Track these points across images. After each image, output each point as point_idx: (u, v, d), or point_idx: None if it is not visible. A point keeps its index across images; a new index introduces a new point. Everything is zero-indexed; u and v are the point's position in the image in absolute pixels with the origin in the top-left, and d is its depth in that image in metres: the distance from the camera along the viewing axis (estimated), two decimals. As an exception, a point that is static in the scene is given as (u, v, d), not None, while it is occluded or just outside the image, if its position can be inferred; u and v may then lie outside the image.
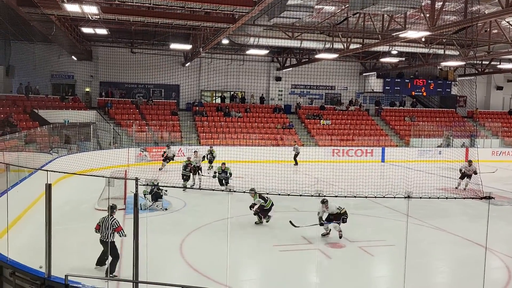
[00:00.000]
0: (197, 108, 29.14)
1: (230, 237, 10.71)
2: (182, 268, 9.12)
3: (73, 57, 26.59)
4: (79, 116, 23.74)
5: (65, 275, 5.58)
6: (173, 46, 23.36)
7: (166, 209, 13.53)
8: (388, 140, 29.33)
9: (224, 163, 16.34)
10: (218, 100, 31.85)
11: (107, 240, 7.99)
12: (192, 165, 16.80)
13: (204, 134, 26.88)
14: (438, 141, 29.60)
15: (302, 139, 28.16)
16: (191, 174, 16.66)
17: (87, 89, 28.99)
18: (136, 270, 5.77)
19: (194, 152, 18.29)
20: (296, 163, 24.35)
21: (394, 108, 33.87)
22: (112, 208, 8.50)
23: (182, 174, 16.50)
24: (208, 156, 20.67)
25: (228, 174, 16.03)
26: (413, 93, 32.75)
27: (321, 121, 30.14)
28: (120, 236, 8.14)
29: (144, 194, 13.24)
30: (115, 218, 8.26)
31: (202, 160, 18.81)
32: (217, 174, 16.18)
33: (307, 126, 29.85)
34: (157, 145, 24.64)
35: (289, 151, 23.72)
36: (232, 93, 31.41)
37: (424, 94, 32.86)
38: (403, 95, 34.06)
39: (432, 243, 11.12)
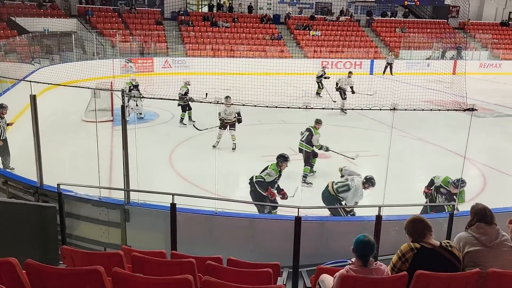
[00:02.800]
0: (183, 17, 28.02)
1: (218, 148, 10.93)
2: (172, 177, 9.39)
3: (47, -41, 24.83)
4: (59, 25, 22.70)
5: (57, 184, 5.72)
6: None
7: (142, 117, 13.69)
8: (377, 52, 28.95)
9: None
10: (205, 9, 30.56)
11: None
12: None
13: (191, 45, 26.17)
14: (427, 53, 29.32)
15: (290, 51, 27.63)
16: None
17: (66, -4, 27.46)
18: (127, 179, 5.92)
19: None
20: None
21: (386, 18, 32.98)
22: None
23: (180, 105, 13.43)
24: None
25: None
26: (406, 2, 31.68)
27: (311, 32, 29.37)
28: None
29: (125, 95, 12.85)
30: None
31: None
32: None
33: (296, 37, 29.13)
34: (142, 56, 24.04)
35: (276, 63, 23.33)
36: (219, 1, 30.06)
37: (417, 3, 31.83)
38: (395, 5, 32.98)
39: (415, 153, 11.51)
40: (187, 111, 13.49)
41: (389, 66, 26.11)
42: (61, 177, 6.21)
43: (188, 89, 13.30)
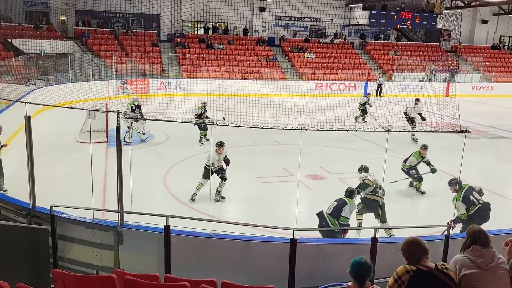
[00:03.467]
0: (179, 39, 28.31)
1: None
2: (166, 198, 9.33)
3: (45, -18, 25.13)
4: (55, 46, 22.88)
5: (50, 206, 5.66)
6: (152, -28, 22.21)
7: (144, 140, 13.66)
8: (371, 74, 29.28)
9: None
10: (201, 31, 30.92)
11: None
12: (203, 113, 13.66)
13: (186, 66, 26.37)
14: (420, 76, 29.70)
15: (285, 73, 27.90)
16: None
17: (62, 18, 27.71)
18: (120, 201, 5.87)
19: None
20: None
21: (379, 41, 33.48)
22: None
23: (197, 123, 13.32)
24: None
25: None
26: (398, 26, 32.25)
27: (305, 54, 29.72)
28: None
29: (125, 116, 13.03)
30: None
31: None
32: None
33: (290, 59, 29.45)
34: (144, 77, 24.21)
35: (271, 84, 23.53)
36: (214, 24, 30.47)
37: (410, 27, 32.39)
38: (388, 28, 33.55)
39: (409, 175, 11.48)
40: (202, 131, 13.78)
41: (379, 88, 26.39)
42: (54, 198, 6.15)
43: (205, 109, 13.69)
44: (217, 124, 10.13)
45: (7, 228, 5.10)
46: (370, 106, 18.26)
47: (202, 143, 13.67)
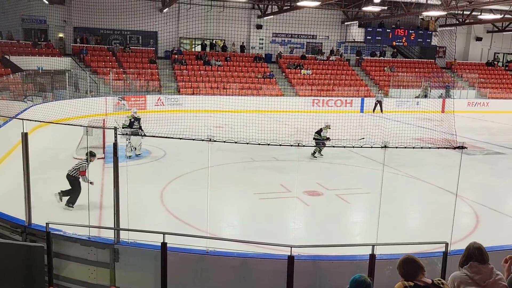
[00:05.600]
0: (176, 56, 28.50)
1: (210, 185, 10.88)
2: (163, 215, 9.27)
3: (44, 0, 25.32)
4: (53, 63, 22.97)
5: (46, 223, 5.61)
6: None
7: (138, 155, 13.62)
8: (367, 90, 29.48)
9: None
10: (198, 48, 31.16)
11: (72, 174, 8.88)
12: None
13: (184, 83, 26.50)
14: (416, 92, 29.93)
15: (282, 89, 28.05)
16: None
17: (61, 35, 27.89)
18: (117, 218, 5.83)
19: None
20: None
21: (375, 58, 33.79)
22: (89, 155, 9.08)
23: None
24: None
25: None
26: (394, 43, 32.61)
27: (302, 71, 29.93)
28: (84, 181, 8.64)
29: (123, 127, 13.10)
30: (84, 163, 8.89)
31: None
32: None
33: (287, 75, 29.65)
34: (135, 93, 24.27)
35: (268, 101, 23.64)
36: (212, 41, 30.73)
37: (405, 44, 32.77)
38: (383, 45, 33.90)
39: (406, 191, 11.50)
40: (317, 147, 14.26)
41: (378, 104, 26.55)
42: (50, 215, 6.11)
43: (327, 131, 13.88)
44: (215, 141, 10.16)
45: (2, 246, 5.05)
46: None
47: (316, 157, 13.88)
